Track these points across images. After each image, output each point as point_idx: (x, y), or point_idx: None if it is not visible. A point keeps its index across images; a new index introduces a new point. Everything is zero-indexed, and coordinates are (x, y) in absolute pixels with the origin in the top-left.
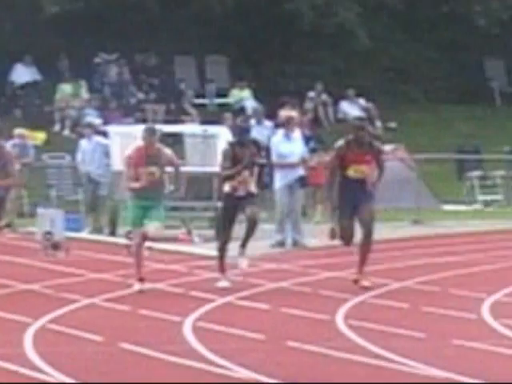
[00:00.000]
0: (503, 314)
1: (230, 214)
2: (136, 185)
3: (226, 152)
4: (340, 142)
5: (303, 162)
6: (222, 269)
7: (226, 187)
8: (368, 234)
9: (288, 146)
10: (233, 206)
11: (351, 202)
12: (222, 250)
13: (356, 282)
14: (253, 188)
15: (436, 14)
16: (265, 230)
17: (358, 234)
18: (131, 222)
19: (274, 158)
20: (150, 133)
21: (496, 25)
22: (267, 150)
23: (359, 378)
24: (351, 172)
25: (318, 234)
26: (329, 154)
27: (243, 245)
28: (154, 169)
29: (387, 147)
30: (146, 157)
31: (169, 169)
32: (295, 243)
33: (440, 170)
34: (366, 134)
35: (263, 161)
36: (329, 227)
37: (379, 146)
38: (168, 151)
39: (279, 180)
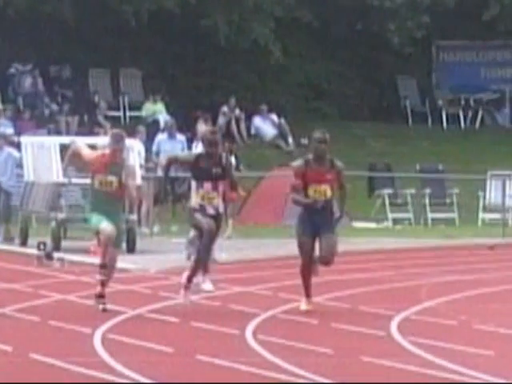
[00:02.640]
0: (412, 332)
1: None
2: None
3: (189, 156)
4: (298, 161)
5: None
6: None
7: (195, 205)
8: (325, 263)
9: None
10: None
11: (312, 223)
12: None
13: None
14: (221, 208)
15: (350, 32)
16: (177, 243)
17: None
18: (96, 222)
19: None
20: (117, 139)
21: (409, 43)
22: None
23: None
24: (311, 192)
25: (228, 248)
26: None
27: (206, 270)
28: (112, 179)
29: None
30: (108, 165)
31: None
32: None
33: (351, 187)
34: (326, 149)
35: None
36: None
37: (340, 165)
38: (130, 164)
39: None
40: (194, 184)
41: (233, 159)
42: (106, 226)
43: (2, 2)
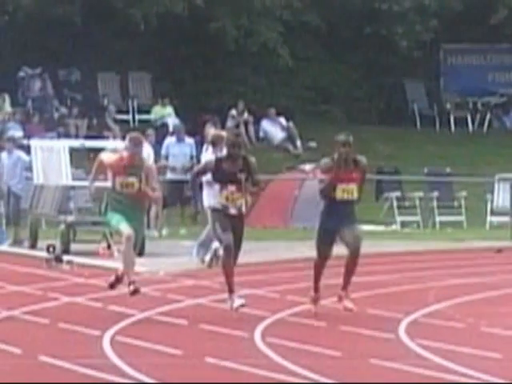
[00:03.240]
0: (420, 335)
1: (226, 220)
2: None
3: (208, 163)
4: (326, 160)
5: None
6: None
7: (216, 204)
8: (355, 256)
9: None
10: (227, 219)
11: (334, 227)
12: (228, 267)
13: (340, 299)
14: (243, 208)
15: (358, 35)
16: (185, 246)
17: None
18: (116, 223)
19: (208, 176)
20: (135, 143)
21: (417, 47)
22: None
23: None
24: (339, 192)
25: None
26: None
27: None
28: (133, 180)
29: (307, 166)
30: (126, 167)
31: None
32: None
33: None
34: (350, 152)
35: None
36: None
37: (364, 162)
38: (151, 165)
39: (212, 198)
40: (216, 186)
41: None
42: (124, 227)
43: (11, 7)
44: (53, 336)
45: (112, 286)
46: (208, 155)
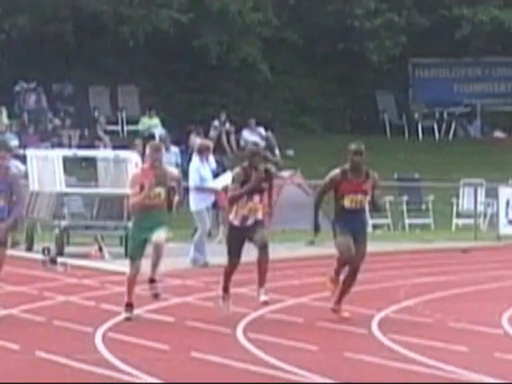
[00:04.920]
0: (391, 330)
1: (238, 244)
2: (138, 198)
3: (238, 175)
4: (336, 171)
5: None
6: (226, 290)
7: (235, 220)
8: (356, 270)
9: (205, 171)
10: (241, 237)
11: (350, 228)
12: (229, 274)
13: (335, 311)
14: (260, 215)
15: (333, 51)
16: (170, 248)
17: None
18: (130, 252)
19: (196, 182)
20: (155, 149)
21: (387, 61)
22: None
23: None
24: (347, 202)
25: (220, 253)
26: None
27: (261, 283)
28: (160, 190)
29: (285, 173)
30: (152, 176)
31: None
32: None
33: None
34: (362, 161)
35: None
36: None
37: (376, 176)
38: (171, 168)
39: (199, 203)
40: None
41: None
42: (131, 267)
43: (7, 25)
44: (49, 333)
45: (156, 296)
46: (195, 164)
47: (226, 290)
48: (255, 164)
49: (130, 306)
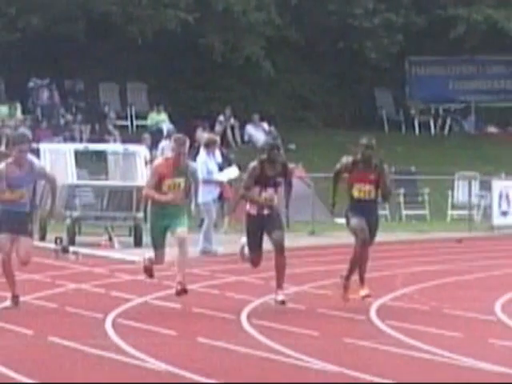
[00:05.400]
0: (388, 316)
1: (257, 234)
2: (162, 198)
3: (253, 170)
4: (348, 159)
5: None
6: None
7: (251, 209)
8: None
9: (212, 164)
10: (259, 226)
11: (362, 217)
12: (255, 266)
13: (366, 296)
14: (275, 204)
15: (333, 49)
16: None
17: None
18: (152, 241)
19: (203, 175)
20: (180, 143)
21: (385, 59)
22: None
23: (261, 371)
24: (356, 192)
25: (224, 242)
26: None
27: (279, 285)
28: (180, 180)
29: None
30: (173, 168)
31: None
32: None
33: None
34: (372, 154)
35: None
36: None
37: (385, 167)
38: (193, 164)
39: (206, 195)
40: (256, 188)
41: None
42: (156, 256)
43: (21, 25)
44: (61, 319)
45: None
46: (202, 157)
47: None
48: (274, 157)
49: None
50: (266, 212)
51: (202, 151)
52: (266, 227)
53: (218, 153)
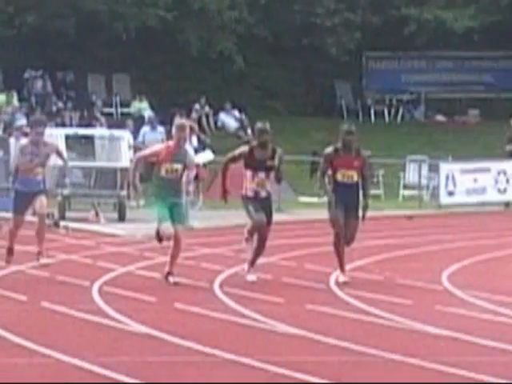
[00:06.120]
0: (347, 285)
1: (256, 204)
2: (136, 181)
3: (243, 153)
4: (329, 148)
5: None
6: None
7: (248, 192)
8: (348, 243)
9: (189, 148)
10: (259, 203)
11: (343, 201)
12: (254, 231)
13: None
14: (269, 189)
15: (298, 45)
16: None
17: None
18: (159, 220)
19: None
20: (181, 129)
21: (344, 54)
22: None
23: (232, 333)
24: (339, 176)
25: (199, 218)
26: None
27: (252, 263)
28: (178, 166)
29: None
30: (173, 154)
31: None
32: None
33: (297, 169)
34: (353, 140)
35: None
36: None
37: (365, 154)
38: (192, 154)
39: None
40: (248, 173)
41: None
42: (165, 227)
43: (17, 21)
44: (52, 286)
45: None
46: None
47: (251, 235)
48: (264, 140)
49: (169, 274)
50: (263, 195)
51: (193, 139)
52: (262, 207)
53: (194, 138)
